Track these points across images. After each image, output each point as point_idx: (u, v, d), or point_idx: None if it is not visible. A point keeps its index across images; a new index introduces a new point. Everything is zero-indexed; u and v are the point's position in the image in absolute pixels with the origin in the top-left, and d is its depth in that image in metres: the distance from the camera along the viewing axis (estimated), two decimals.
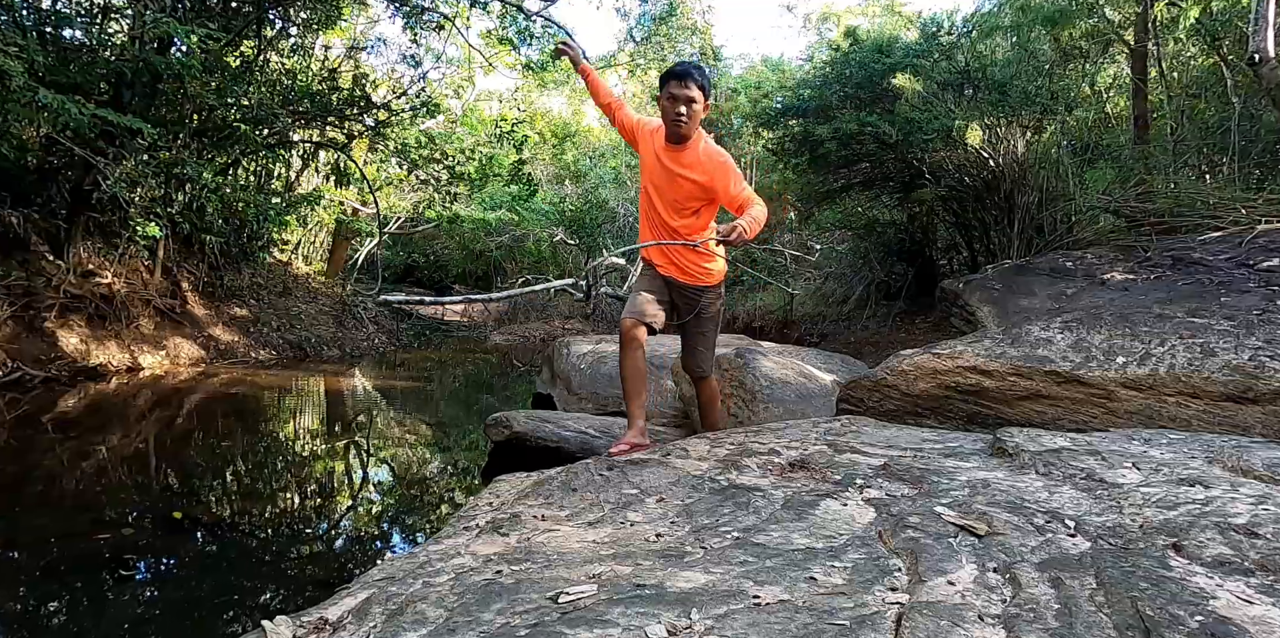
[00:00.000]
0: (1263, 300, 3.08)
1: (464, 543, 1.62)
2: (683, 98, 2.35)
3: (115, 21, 6.81)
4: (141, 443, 3.86)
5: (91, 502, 2.84)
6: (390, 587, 1.35)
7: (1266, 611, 0.99)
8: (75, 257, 6.08)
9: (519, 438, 3.28)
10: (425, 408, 5.67)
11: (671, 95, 2.36)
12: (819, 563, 1.28)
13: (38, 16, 5.81)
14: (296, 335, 8.05)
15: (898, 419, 2.80)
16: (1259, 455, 1.75)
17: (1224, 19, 7.87)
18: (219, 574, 2.19)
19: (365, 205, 11.75)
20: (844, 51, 9.22)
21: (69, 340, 5.68)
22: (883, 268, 9.28)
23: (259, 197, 7.88)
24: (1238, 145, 7.07)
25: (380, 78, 11.34)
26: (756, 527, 1.53)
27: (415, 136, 9.63)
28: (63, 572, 2.15)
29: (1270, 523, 1.27)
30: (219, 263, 7.86)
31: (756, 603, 1.12)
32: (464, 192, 10.48)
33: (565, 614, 1.11)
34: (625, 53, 16.57)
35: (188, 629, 1.85)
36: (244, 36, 7.55)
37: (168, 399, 5.13)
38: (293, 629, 1.20)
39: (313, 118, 8.09)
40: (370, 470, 3.72)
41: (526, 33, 10.37)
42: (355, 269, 13.60)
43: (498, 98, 18.75)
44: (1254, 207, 4.85)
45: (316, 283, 10.35)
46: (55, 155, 6.09)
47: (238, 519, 2.78)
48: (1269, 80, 5.54)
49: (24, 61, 4.51)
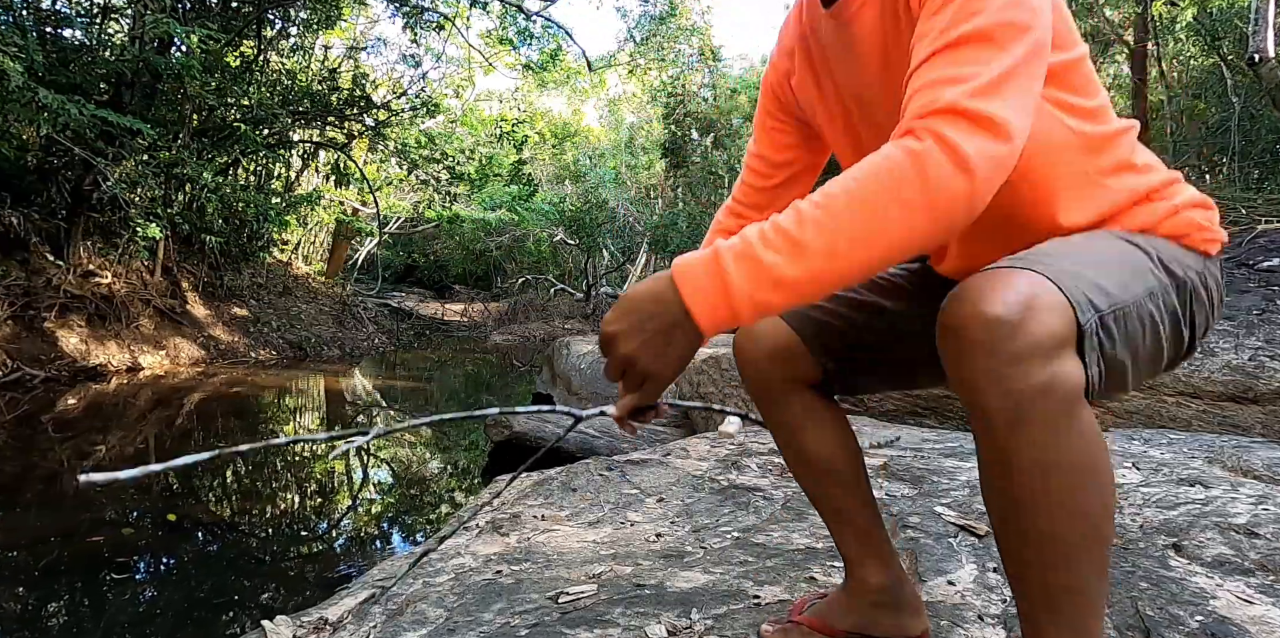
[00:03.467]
0: (1263, 300, 3.08)
1: (464, 543, 1.62)
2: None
3: (115, 21, 6.82)
4: (141, 443, 3.86)
5: (91, 502, 2.84)
6: (390, 587, 1.35)
7: (1266, 611, 0.99)
8: (75, 257, 6.08)
9: (519, 438, 3.28)
10: (425, 408, 5.67)
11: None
12: (819, 563, 1.28)
13: (38, 16, 5.81)
14: (296, 335, 8.05)
15: (898, 419, 2.80)
16: (1259, 455, 1.75)
17: (1224, 19, 7.87)
18: (219, 574, 2.19)
19: (365, 205, 11.76)
20: None
21: (69, 340, 5.67)
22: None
23: (259, 197, 7.89)
24: (1238, 145, 7.08)
25: (380, 78, 11.35)
26: (756, 527, 1.53)
27: (415, 137, 9.64)
28: (63, 572, 2.15)
29: (1270, 523, 1.27)
30: (219, 263, 7.86)
31: (756, 603, 1.12)
32: (464, 191, 10.50)
33: (565, 614, 1.11)
34: (625, 53, 16.56)
35: (188, 629, 1.85)
36: (244, 36, 7.56)
37: (168, 399, 5.13)
38: (293, 629, 1.20)
39: (313, 118, 8.10)
40: (370, 471, 3.72)
41: (526, 33, 10.38)
42: (355, 269, 13.61)
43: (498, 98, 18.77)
44: (1254, 206, 4.85)
45: (316, 283, 10.35)
46: (55, 155, 6.09)
47: (237, 519, 2.78)
48: (1269, 80, 5.54)
49: (24, 61, 4.51)
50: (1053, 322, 0.55)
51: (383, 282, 14.82)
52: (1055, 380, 0.55)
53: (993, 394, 0.56)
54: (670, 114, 14.19)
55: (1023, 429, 0.56)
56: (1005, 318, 0.55)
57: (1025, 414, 0.55)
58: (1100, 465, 0.58)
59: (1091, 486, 0.58)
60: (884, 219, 0.55)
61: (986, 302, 0.55)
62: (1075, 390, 0.56)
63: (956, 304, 0.58)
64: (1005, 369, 0.55)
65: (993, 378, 0.55)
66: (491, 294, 16.06)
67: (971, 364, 0.56)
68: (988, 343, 0.55)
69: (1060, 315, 0.56)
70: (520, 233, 16.13)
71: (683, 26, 14.81)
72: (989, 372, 0.55)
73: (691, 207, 12.23)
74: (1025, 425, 0.56)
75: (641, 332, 0.60)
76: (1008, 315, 0.55)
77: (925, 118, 0.56)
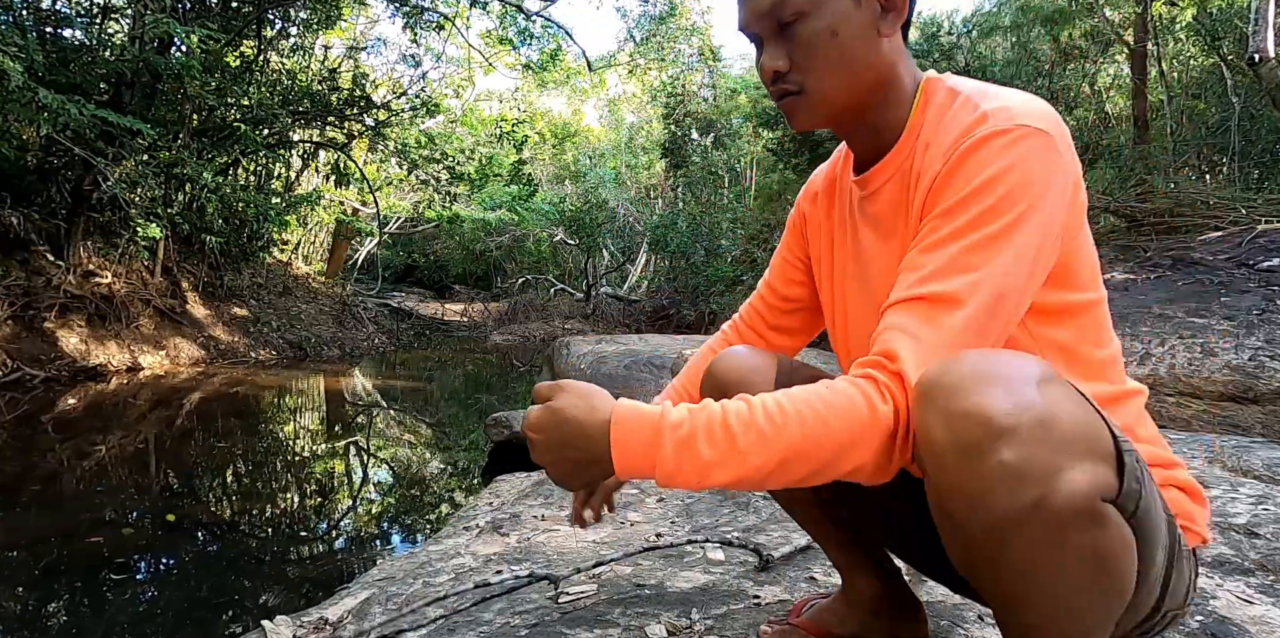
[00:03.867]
0: (1263, 300, 3.08)
1: (464, 543, 1.62)
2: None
3: (115, 21, 6.82)
4: (141, 443, 3.86)
5: (91, 502, 2.84)
6: (390, 587, 1.35)
7: (1266, 611, 0.99)
8: (75, 257, 6.08)
9: (519, 438, 3.28)
10: (425, 408, 5.67)
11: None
12: (819, 563, 1.28)
13: (38, 16, 5.81)
14: (296, 335, 8.06)
15: None
16: (1259, 455, 1.75)
17: (1224, 19, 7.87)
18: (219, 574, 2.19)
19: (365, 205, 11.76)
20: None
21: (69, 340, 5.68)
22: None
23: (259, 197, 7.89)
24: (1238, 145, 7.08)
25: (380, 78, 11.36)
26: (756, 527, 1.53)
27: (415, 137, 9.64)
28: (63, 572, 2.15)
29: (1270, 523, 1.27)
30: (219, 263, 7.86)
31: (756, 603, 1.12)
32: (464, 191, 10.51)
33: (565, 614, 1.11)
34: (625, 53, 16.56)
35: (188, 629, 1.85)
36: (244, 36, 7.56)
37: (168, 399, 5.13)
38: (293, 629, 1.20)
39: (313, 118, 8.10)
40: (370, 470, 3.72)
41: (526, 33, 10.39)
42: (355, 269, 13.61)
43: (498, 98, 18.78)
44: (1254, 206, 4.85)
45: (316, 283, 10.35)
46: (55, 155, 6.09)
47: (237, 519, 2.78)
48: (1269, 80, 5.54)
49: (24, 61, 4.51)
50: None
51: (383, 282, 14.82)
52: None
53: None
54: (670, 114, 14.20)
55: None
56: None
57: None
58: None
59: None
60: (819, 457, 0.57)
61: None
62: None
63: None
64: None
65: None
66: (491, 294, 16.07)
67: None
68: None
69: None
70: (520, 233, 16.14)
71: (683, 26, 14.82)
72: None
73: (691, 206, 12.23)
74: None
75: (560, 455, 0.61)
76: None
77: (878, 368, 0.59)
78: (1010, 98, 0.66)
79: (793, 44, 0.70)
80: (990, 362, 0.53)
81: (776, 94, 0.73)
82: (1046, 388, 0.51)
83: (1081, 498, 0.50)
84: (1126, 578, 0.55)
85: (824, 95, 0.71)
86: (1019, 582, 0.54)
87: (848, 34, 0.68)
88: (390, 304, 12.49)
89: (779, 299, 0.97)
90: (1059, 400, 0.51)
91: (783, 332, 0.98)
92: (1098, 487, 0.51)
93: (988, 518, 0.51)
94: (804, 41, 0.69)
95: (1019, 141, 0.61)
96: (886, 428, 0.57)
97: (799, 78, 0.71)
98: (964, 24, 9.42)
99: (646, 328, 11.82)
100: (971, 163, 0.62)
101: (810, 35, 0.68)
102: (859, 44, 0.69)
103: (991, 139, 0.62)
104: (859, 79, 0.71)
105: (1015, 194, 0.60)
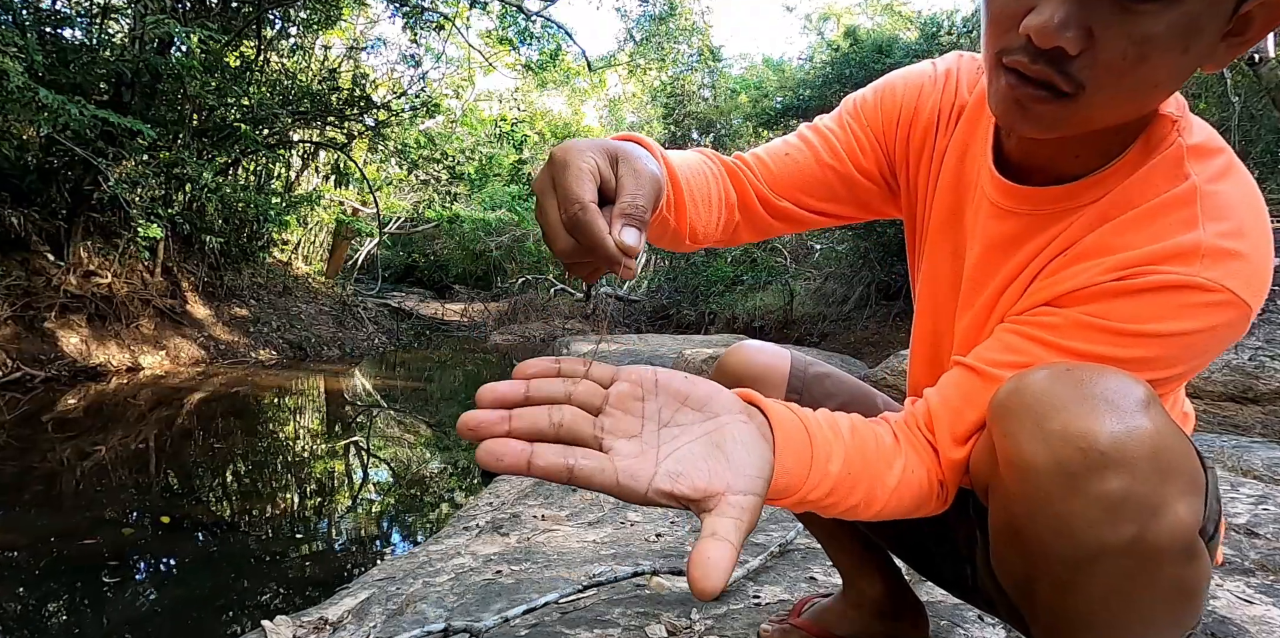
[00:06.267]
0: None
1: (464, 543, 1.62)
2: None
3: (115, 21, 6.82)
4: (141, 443, 3.86)
5: (91, 502, 2.84)
6: (390, 587, 1.35)
7: (1266, 611, 0.99)
8: (75, 257, 6.08)
9: None
10: (425, 408, 5.67)
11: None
12: (819, 563, 1.28)
13: (37, 16, 5.81)
14: (296, 335, 8.06)
15: None
16: (1259, 455, 1.75)
17: None
18: (219, 574, 2.19)
19: (365, 205, 11.77)
20: (844, 52, 9.25)
21: (69, 340, 5.68)
22: (883, 268, 9.28)
23: (259, 197, 7.89)
24: (1238, 145, 7.07)
25: (380, 78, 11.35)
26: (756, 527, 1.53)
27: (415, 137, 9.64)
28: (62, 572, 2.15)
29: (1270, 523, 1.27)
30: (219, 263, 7.86)
31: (756, 603, 1.12)
32: (464, 192, 10.50)
33: (565, 614, 1.11)
34: (625, 53, 16.56)
35: (188, 629, 1.85)
36: (244, 36, 7.56)
37: (168, 399, 5.13)
38: (293, 629, 1.20)
39: (313, 118, 8.10)
40: (370, 470, 3.72)
41: (526, 33, 10.39)
42: (355, 269, 13.61)
43: (498, 98, 18.78)
44: None
45: (316, 283, 10.35)
46: (55, 155, 6.09)
47: (237, 519, 2.78)
48: (1269, 80, 5.54)
49: (24, 61, 4.51)
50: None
51: (383, 282, 14.81)
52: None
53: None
54: (670, 114, 14.20)
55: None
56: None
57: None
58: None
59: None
60: (884, 514, 0.57)
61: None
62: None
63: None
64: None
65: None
66: (491, 294, 16.05)
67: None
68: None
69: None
70: (520, 233, 16.13)
71: (683, 26, 14.82)
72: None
73: None
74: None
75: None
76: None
77: (931, 431, 0.60)
78: (1233, 218, 0.53)
79: (1116, 31, 0.45)
80: (1095, 379, 0.47)
81: (1025, 76, 0.49)
82: (1153, 412, 0.46)
83: (1183, 534, 0.46)
84: (1200, 608, 0.53)
85: (1097, 119, 0.51)
86: (1093, 611, 0.50)
87: (1196, 53, 0.47)
88: (390, 304, 12.48)
89: (799, 191, 0.75)
90: (1164, 426, 0.46)
91: (770, 221, 0.78)
92: (1198, 521, 0.47)
93: (1076, 547, 0.47)
94: (1140, 38, 0.45)
95: (1217, 310, 0.51)
96: (941, 499, 0.59)
97: (1084, 77, 0.48)
98: (964, 24, 9.42)
99: (646, 328, 11.83)
100: (1152, 303, 0.52)
101: (1154, 36, 0.45)
102: (1187, 71, 0.49)
103: (1190, 292, 0.51)
104: (1143, 109, 0.53)
105: (1177, 358, 0.53)
